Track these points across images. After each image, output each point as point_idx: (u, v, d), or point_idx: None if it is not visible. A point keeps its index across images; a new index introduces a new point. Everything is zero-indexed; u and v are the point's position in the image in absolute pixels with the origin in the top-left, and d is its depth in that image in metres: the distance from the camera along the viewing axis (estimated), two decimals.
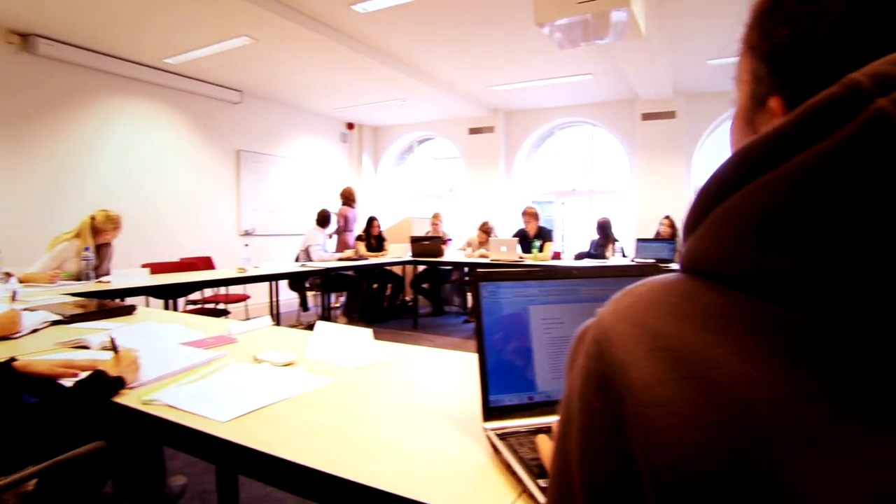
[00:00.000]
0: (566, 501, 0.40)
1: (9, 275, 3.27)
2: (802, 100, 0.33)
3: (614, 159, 8.08)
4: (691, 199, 0.40)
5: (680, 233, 5.88)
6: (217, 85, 6.77)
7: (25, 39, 5.00)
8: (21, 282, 3.28)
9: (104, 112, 5.74)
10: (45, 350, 1.65)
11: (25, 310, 2.07)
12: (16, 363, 1.32)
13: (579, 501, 0.38)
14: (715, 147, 7.37)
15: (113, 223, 3.95)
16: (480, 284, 0.86)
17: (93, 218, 3.89)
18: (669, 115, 7.19)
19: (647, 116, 7.33)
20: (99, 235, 3.89)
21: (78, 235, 3.83)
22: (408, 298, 7.34)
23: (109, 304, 2.38)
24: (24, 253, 3.71)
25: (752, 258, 0.34)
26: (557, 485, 0.42)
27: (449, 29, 5.02)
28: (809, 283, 0.32)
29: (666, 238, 5.98)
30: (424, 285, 7.19)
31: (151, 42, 5.28)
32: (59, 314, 2.12)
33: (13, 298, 2.34)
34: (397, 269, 6.95)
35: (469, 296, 7.14)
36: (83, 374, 1.30)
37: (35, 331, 1.92)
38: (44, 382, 1.31)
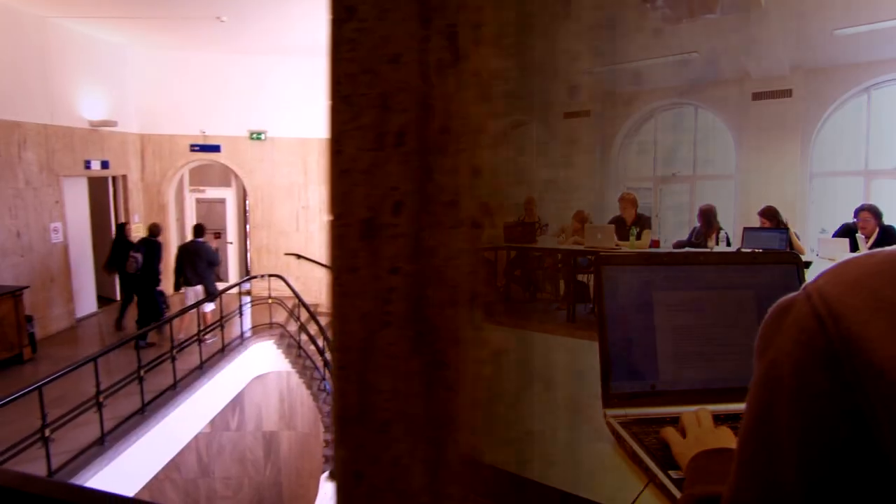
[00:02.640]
0: (771, 495, 0.37)
1: None
2: None
3: (718, 143, 7.59)
4: None
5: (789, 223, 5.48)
6: None
7: None
8: None
9: None
10: None
11: None
12: None
13: (795, 492, 0.35)
14: (838, 127, 6.73)
15: None
16: (603, 268, 0.84)
17: None
18: (785, 93, 6.64)
19: (758, 96, 6.81)
20: None
21: None
22: (499, 284, 7.33)
23: None
24: None
25: None
26: (756, 476, 0.38)
27: None
28: None
29: (776, 227, 5.54)
30: (516, 272, 7.14)
31: None
32: None
33: None
34: (488, 254, 6.95)
35: (561, 283, 7.02)
36: None
37: None
38: None
